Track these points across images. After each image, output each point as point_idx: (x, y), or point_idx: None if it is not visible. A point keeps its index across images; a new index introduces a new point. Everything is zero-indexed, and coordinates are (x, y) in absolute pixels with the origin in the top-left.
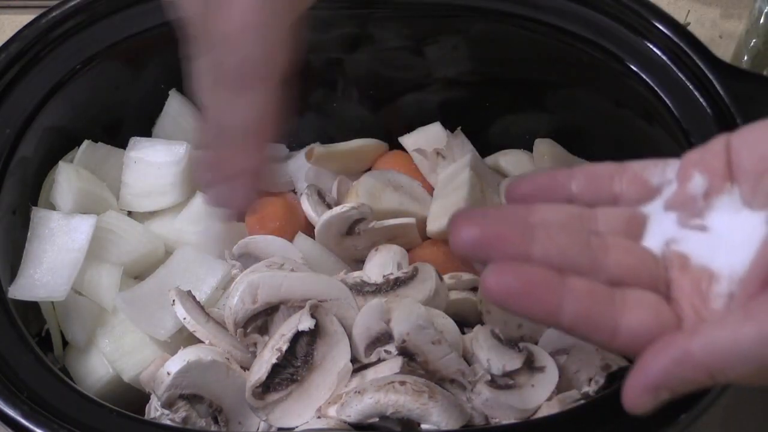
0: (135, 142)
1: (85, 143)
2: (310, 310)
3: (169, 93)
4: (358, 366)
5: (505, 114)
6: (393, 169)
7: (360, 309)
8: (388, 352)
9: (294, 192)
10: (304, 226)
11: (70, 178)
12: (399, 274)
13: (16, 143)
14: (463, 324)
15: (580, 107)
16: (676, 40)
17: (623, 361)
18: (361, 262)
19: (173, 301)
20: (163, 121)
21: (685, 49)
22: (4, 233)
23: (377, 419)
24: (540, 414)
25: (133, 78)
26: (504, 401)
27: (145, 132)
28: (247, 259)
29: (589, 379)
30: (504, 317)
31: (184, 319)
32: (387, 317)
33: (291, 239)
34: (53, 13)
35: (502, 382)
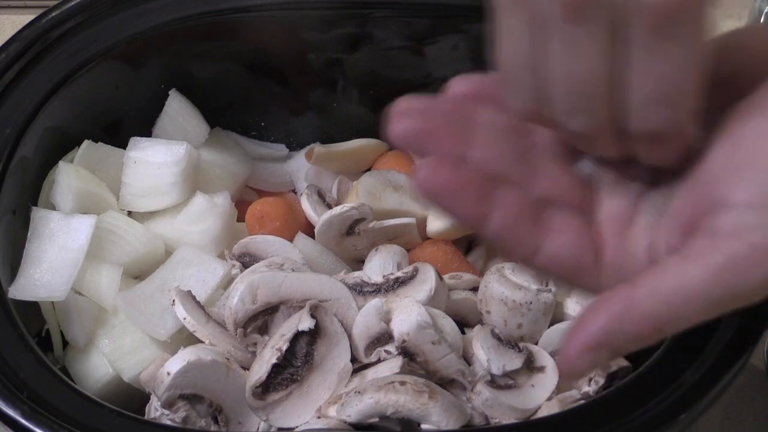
0: (135, 142)
1: (85, 143)
2: (310, 310)
3: (169, 93)
4: (358, 366)
5: None
6: (393, 169)
7: (360, 309)
8: (388, 352)
9: (294, 192)
10: (304, 226)
11: (70, 178)
12: (399, 274)
13: (16, 143)
14: (463, 324)
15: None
16: None
17: (623, 361)
18: (361, 262)
19: (173, 301)
20: (163, 121)
21: None
22: (4, 233)
23: (377, 419)
24: (540, 414)
25: (133, 78)
26: (504, 401)
27: (145, 132)
28: (247, 259)
29: (589, 379)
30: (504, 317)
31: (184, 319)
32: (387, 317)
33: (291, 239)
34: (53, 13)
35: (502, 382)
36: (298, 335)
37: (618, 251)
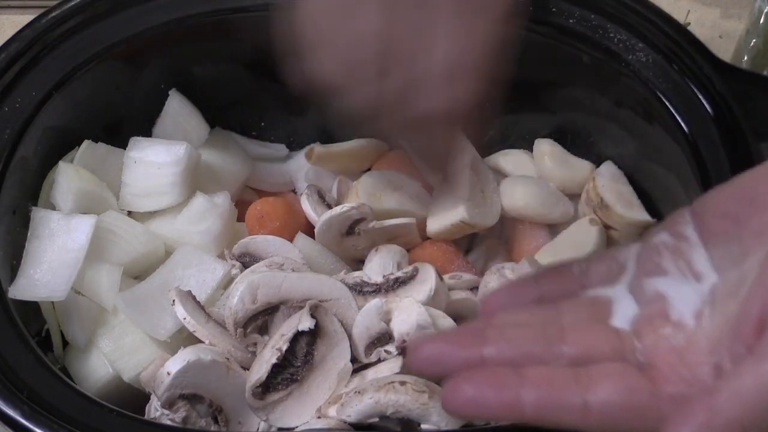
0: (135, 142)
1: (85, 143)
2: (310, 310)
3: (169, 93)
4: (358, 366)
5: (505, 114)
6: (393, 169)
7: (360, 309)
8: (388, 352)
9: (294, 192)
10: (304, 226)
11: (70, 178)
12: (399, 274)
13: (16, 143)
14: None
15: (580, 107)
16: (676, 40)
17: None
18: (361, 262)
19: (173, 301)
20: (163, 121)
21: (686, 49)
22: (4, 233)
23: (377, 419)
24: None
25: (133, 78)
26: None
27: (145, 132)
28: (247, 259)
29: None
30: None
31: (184, 319)
32: (387, 317)
33: (291, 239)
34: (53, 13)
35: None
36: (298, 335)
37: (679, 384)
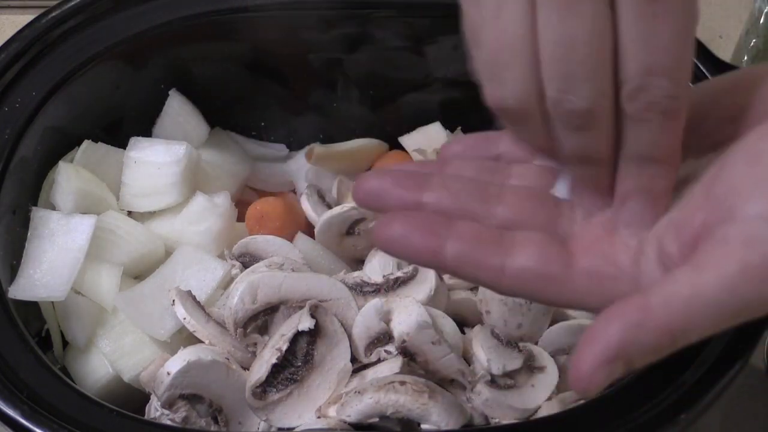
0: (135, 142)
1: (85, 143)
2: (310, 310)
3: (169, 93)
4: (358, 366)
5: None
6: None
7: (360, 309)
8: (388, 352)
9: (294, 192)
10: (304, 226)
11: (70, 178)
12: (399, 274)
13: (16, 143)
14: (463, 324)
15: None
16: None
17: None
18: (361, 262)
19: (173, 301)
20: (163, 121)
21: None
22: (4, 233)
23: (377, 419)
24: (540, 414)
25: (133, 78)
26: (504, 401)
27: (145, 132)
28: (247, 259)
29: None
30: (504, 317)
31: (184, 319)
32: (387, 317)
33: (291, 239)
34: (53, 13)
35: (502, 382)
36: (298, 335)
37: (595, 259)
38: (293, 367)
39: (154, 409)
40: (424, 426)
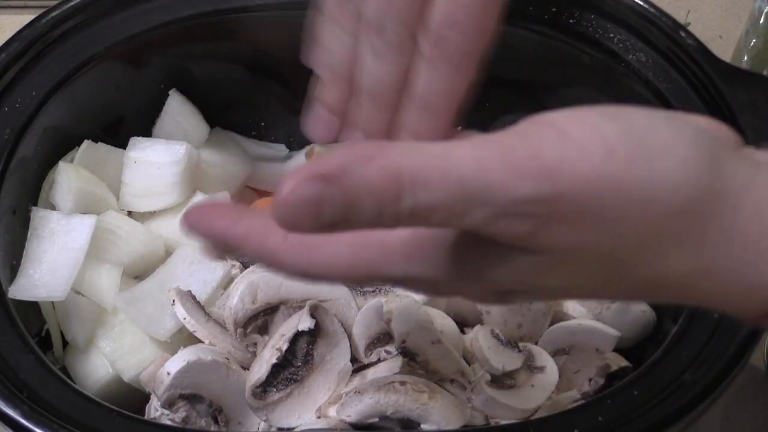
0: (135, 142)
1: (85, 143)
2: (310, 310)
3: (169, 93)
4: (358, 366)
5: (505, 114)
6: None
7: (360, 309)
8: (388, 352)
9: None
10: None
11: (70, 178)
12: None
13: (16, 143)
14: (463, 324)
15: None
16: (676, 40)
17: (623, 361)
18: None
19: (173, 301)
20: (163, 121)
21: (685, 48)
22: (4, 233)
23: (377, 419)
24: (540, 414)
25: (133, 78)
26: (504, 401)
27: (145, 132)
28: (247, 259)
29: (589, 379)
30: (504, 317)
31: (184, 319)
32: (387, 317)
33: None
34: (53, 13)
35: (502, 382)
36: (298, 335)
37: None
38: (293, 367)
39: (154, 409)
40: (424, 426)
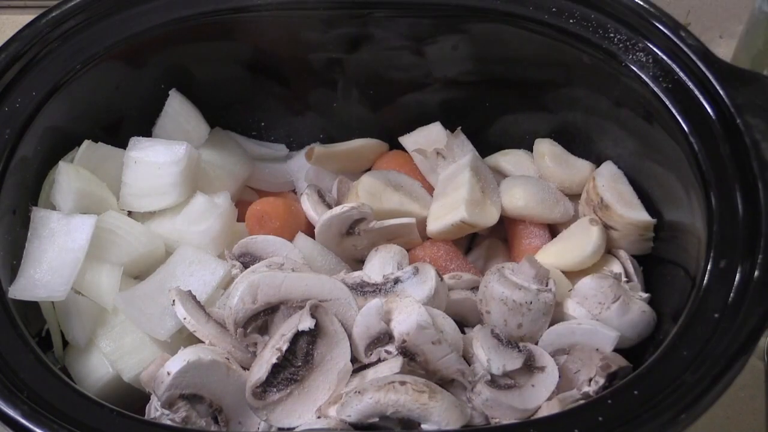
0: (135, 142)
1: (85, 143)
2: (310, 310)
3: (169, 93)
4: (358, 366)
5: (505, 114)
6: (393, 169)
7: (360, 309)
8: (388, 352)
9: (294, 192)
10: (304, 226)
11: (70, 178)
12: (399, 273)
13: (16, 143)
14: (463, 324)
15: (580, 107)
16: (676, 40)
17: (623, 361)
18: (361, 262)
19: (173, 301)
20: (163, 121)
21: (685, 49)
22: (4, 233)
23: (377, 419)
24: (540, 414)
25: (133, 78)
26: (504, 401)
27: (145, 132)
28: (247, 259)
29: (589, 379)
30: (504, 317)
31: (184, 319)
32: (387, 317)
33: (291, 239)
34: (53, 13)
35: (502, 382)
36: (299, 335)
37: None
38: (293, 367)
39: (154, 409)
40: (424, 426)
